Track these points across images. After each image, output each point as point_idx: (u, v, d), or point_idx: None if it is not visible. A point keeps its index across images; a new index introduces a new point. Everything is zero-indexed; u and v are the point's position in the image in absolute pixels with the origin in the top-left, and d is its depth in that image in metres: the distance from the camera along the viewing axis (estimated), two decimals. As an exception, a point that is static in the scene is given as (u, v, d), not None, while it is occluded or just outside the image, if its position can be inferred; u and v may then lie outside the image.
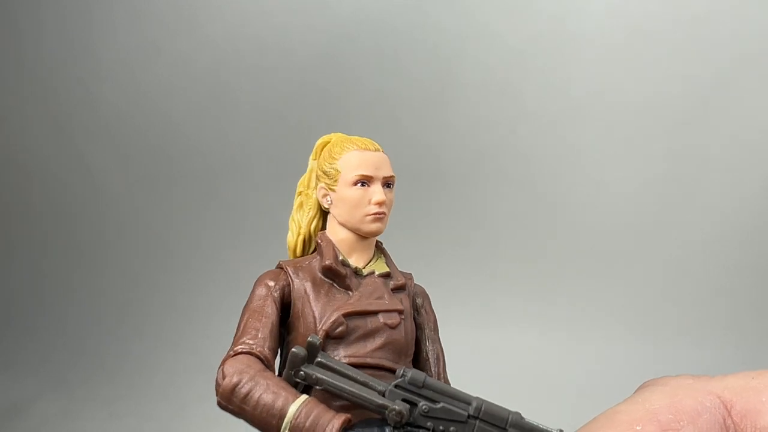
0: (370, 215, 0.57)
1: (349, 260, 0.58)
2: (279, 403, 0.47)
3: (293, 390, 0.49)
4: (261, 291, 0.56)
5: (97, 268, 1.93)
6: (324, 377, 0.49)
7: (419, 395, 0.49)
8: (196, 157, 1.88)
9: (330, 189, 0.59)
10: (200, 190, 1.88)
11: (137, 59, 1.88)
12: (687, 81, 1.62)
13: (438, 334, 0.61)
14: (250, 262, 1.83)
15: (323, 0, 1.76)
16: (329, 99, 1.77)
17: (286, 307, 0.57)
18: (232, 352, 0.52)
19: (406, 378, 0.49)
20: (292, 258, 0.63)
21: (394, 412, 0.48)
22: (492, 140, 1.71)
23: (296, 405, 0.47)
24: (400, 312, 0.56)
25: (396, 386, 0.49)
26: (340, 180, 0.58)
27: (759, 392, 0.48)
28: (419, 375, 0.49)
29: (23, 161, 2.00)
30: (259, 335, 0.53)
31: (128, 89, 1.90)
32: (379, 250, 0.62)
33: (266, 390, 0.48)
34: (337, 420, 0.46)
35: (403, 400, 0.49)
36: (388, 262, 0.61)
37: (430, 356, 0.59)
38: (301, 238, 0.62)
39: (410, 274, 0.62)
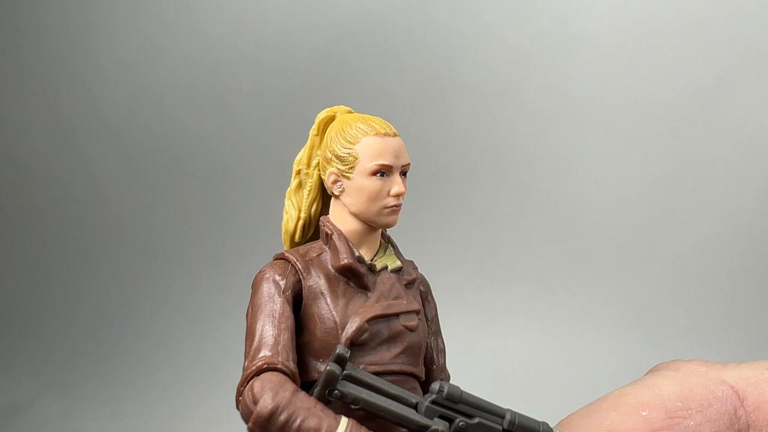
0: (388, 208, 0.53)
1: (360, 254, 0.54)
2: (323, 430, 0.44)
3: (331, 412, 0.45)
4: (270, 289, 0.51)
5: (98, 268, 1.93)
6: (362, 396, 0.45)
7: (456, 411, 0.47)
8: (197, 156, 1.88)
9: (343, 176, 0.54)
10: (201, 190, 1.88)
11: (138, 58, 1.88)
12: (688, 81, 1.62)
13: (438, 324, 0.58)
14: (253, 262, 1.84)
15: (323, 0, 1.76)
16: (330, 98, 1.75)
17: (296, 305, 0.52)
18: (254, 368, 0.47)
19: (443, 393, 0.47)
20: (288, 244, 0.59)
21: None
22: (492, 139, 1.71)
23: (341, 430, 0.44)
24: (418, 312, 0.53)
25: (433, 402, 0.47)
26: (358, 168, 0.53)
27: None
28: (455, 390, 0.47)
29: (23, 160, 1.99)
30: (280, 346, 0.48)
31: (129, 88, 1.90)
32: (386, 239, 0.57)
33: (308, 415, 0.44)
34: None
35: (440, 416, 0.47)
36: (398, 253, 0.56)
37: (434, 349, 0.56)
38: (301, 222, 0.58)
39: (412, 262, 0.58)
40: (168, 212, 1.90)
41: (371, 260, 0.54)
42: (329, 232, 0.54)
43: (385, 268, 0.54)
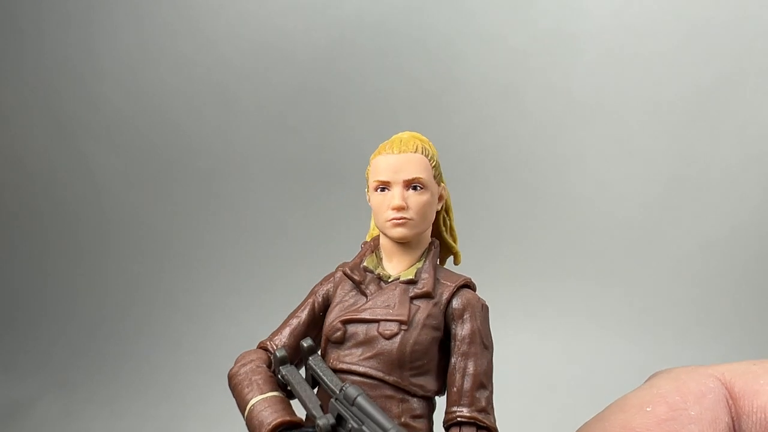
0: (389, 221, 0.56)
1: (388, 264, 0.58)
2: (248, 396, 0.53)
3: (269, 387, 0.53)
4: (313, 289, 0.59)
5: (99, 268, 1.94)
6: (292, 380, 0.53)
7: (351, 413, 0.48)
8: (197, 157, 1.88)
9: (367, 194, 0.60)
10: (201, 191, 1.89)
11: (139, 60, 1.89)
12: (689, 81, 1.62)
13: (476, 347, 0.55)
14: (251, 262, 1.85)
15: (324, 1, 1.77)
16: (330, 100, 1.77)
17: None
18: (259, 343, 0.58)
19: (341, 393, 0.49)
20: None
21: (317, 427, 0.48)
22: (493, 141, 1.71)
23: (255, 400, 0.52)
24: (403, 322, 0.53)
25: (336, 399, 0.49)
26: (369, 186, 0.59)
27: (758, 376, 0.51)
28: (352, 393, 0.48)
29: (25, 161, 2.00)
30: (284, 333, 0.58)
31: (130, 89, 1.90)
32: (428, 253, 0.59)
33: (249, 384, 0.54)
34: (273, 421, 0.50)
35: (339, 415, 0.49)
36: (424, 267, 0.57)
37: (456, 370, 0.55)
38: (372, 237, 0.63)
39: (462, 279, 0.58)
40: (169, 213, 1.91)
41: (401, 272, 0.57)
42: (362, 244, 0.61)
43: (398, 278, 0.56)
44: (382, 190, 0.57)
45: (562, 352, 1.59)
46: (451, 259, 0.64)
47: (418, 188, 0.57)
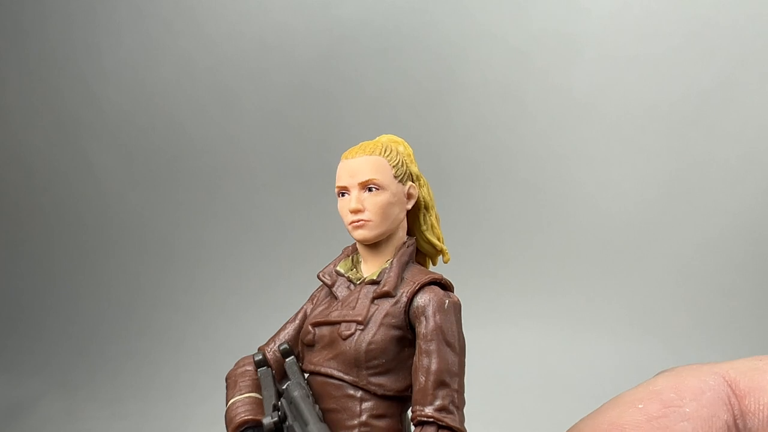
0: (350, 224, 0.58)
1: (364, 267, 0.59)
2: (230, 396, 0.57)
3: (250, 389, 0.57)
4: (311, 295, 0.62)
5: (101, 269, 1.94)
6: (262, 382, 0.56)
7: (290, 410, 0.51)
8: (199, 156, 1.88)
9: None
10: (203, 190, 1.89)
11: (141, 59, 1.89)
12: (689, 81, 1.62)
13: (437, 344, 0.54)
14: (253, 262, 1.85)
15: (325, 1, 1.77)
16: (331, 99, 1.77)
17: None
18: (258, 348, 0.61)
19: (286, 392, 0.52)
20: None
21: (264, 424, 0.52)
22: (493, 140, 1.72)
23: (234, 399, 0.56)
24: (359, 322, 0.55)
25: (283, 397, 0.53)
26: None
27: (764, 372, 0.49)
28: (291, 391, 0.52)
29: (27, 160, 2.00)
30: (277, 339, 0.61)
31: (132, 89, 1.91)
32: (397, 252, 0.58)
33: (234, 385, 0.58)
34: (239, 419, 0.54)
35: (284, 412, 0.52)
36: (388, 268, 0.57)
37: (418, 369, 0.54)
38: None
39: (429, 276, 0.56)
40: (170, 212, 1.91)
41: (372, 274, 0.58)
42: (344, 249, 0.62)
43: (364, 280, 0.58)
44: (343, 195, 0.58)
45: (562, 352, 1.59)
46: (441, 258, 0.64)
47: (374, 189, 0.57)
